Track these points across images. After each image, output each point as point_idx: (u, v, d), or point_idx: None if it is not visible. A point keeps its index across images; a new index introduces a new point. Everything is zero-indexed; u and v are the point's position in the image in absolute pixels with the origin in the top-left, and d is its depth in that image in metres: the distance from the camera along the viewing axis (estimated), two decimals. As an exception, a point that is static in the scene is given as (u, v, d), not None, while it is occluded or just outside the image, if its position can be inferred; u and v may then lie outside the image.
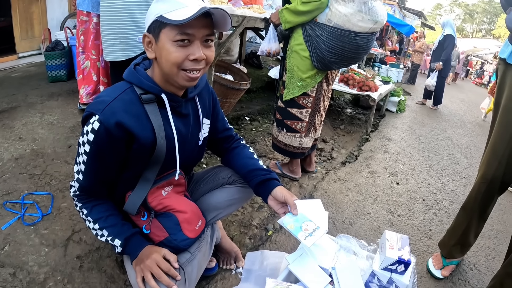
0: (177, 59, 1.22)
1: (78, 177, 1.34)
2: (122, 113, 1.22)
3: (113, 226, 1.38)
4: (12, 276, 1.70)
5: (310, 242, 1.41)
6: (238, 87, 3.73)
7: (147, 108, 1.30)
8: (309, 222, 1.47)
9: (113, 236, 1.37)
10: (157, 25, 1.22)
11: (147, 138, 1.29)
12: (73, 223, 2.09)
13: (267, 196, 1.57)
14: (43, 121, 3.17)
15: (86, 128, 1.24)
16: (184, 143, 1.47)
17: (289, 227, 1.44)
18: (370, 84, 5.33)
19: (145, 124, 1.29)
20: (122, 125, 1.22)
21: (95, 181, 1.35)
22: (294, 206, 1.50)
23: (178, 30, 1.19)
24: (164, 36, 1.21)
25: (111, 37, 2.71)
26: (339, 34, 2.42)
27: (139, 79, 1.29)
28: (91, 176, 1.33)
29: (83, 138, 1.25)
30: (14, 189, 2.30)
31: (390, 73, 11.06)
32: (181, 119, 1.44)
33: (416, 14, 21.05)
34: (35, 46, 5.80)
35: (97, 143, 1.23)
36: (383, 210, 2.94)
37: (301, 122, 2.83)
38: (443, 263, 2.28)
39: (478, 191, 2.04)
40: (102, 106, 1.21)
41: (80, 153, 1.29)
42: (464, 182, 3.92)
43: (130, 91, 1.29)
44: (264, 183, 1.59)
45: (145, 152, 1.33)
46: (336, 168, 3.68)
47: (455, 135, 6.03)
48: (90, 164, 1.29)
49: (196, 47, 1.24)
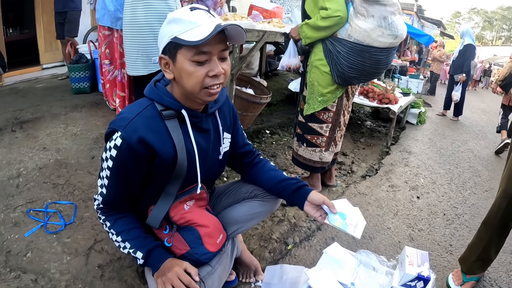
0: (199, 78, 1.24)
1: (102, 191, 1.37)
2: (144, 129, 1.25)
3: (135, 239, 1.40)
4: (34, 282, 1.74)
5: (358, 233, 1.48)
6: (259, 101, 3.75)
7: (168, 124, 1.32)
8: (349, 218, 1.53)
9: (135, 249, 1.39)
10: (172, 47, 1.24)
11: (168, 153, 1.31)
12: (95, 232, 2.12)
13: (303, 203, 1.59)
14: (67, 132, 3.22)
15: (109, 144, 1.27)
16: (205, 158, 1.49)
17: (337, 224, 1.50)
18: (390, 96, 5.29)
19: (166, 139, 1.32)
20: (144, 141, 1.24)
21: (118, 196, 1.38)
22: (333, 206, 1.54)
23: (195, 50, 1.20)
24: (181, 57, 1.23)
25: (134, 52, 2.77)
26: (359, 50, 2.43)
27: (159, 95, 1.32)
28: (114, 191, 1.35)
29: (106, 154, 1.29)
30: (38, 198, 2.35)
31: (410, 84, 10.97)
32: (201, 134, 1.45)
33: (434, 23, 20.87)
34: (58, 57, 5.94)
35: (119, 159, 1.26)
36: (403, 225, 2.91)
37: (321, 136, 2.83)
38: (464, 279, 2.24)
39: (499, 207, 2.01)
40: (125, 122, 1.24)
41: (104, 168, 1.32)
42: (485, 195, 3.85)
43: (151, 108, 1.32)
44: (298, 191, 1.61)
45: (167, 167, 1.35)
46: (356, 182, 3.66)
47: (476, 147, 5.93)
48: (113, 179, 1.32)
49: (214, 63, 1.25)
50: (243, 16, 3.58)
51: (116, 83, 3.43)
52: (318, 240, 2.50)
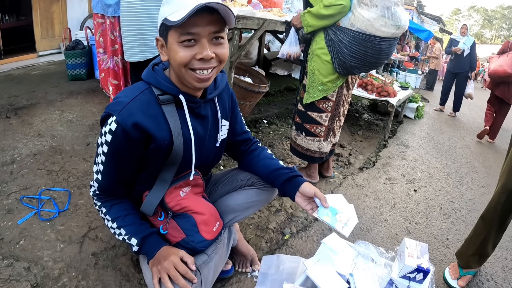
0: (182, 59, 1.20)
1: (97, 177, 1.36)
2: (139, 114, 1.22)
3: (130, 225, 1.38)
4: (27, 270, 1.72)
5: (347, 231, 1.45)
6: (257, 90, 3.72)
7: (164, 109, 1.30)
8: (341, 214, 1.49)
9: (130, 235, 1.36)
10: (164, 28, 1.22)
11: (164, 139, 1.29)
12: (89, 220, 2.10)
13: (294, 193, 1.56)
14: (62, 119, 3.20)
15: (104, 129, 1.25)
16: (202, 145, 1.46)
17: (325, 219, 1.46)
18: (389, 89, 5.28)
19: (162, 125, 1.29)
20: (139, 125, 1.22)
21: (114, 181, 1.37)
22: (324, 199, 1.50)
23: (181, 30, 1.17)
24: (170, 38, 1.21)
25: (131, 38, 2.75)
26: (362, 39, 2.41)
27: (157, 79, 1.29)
28: (110, 176, 1.34)
29: (101, 139, 1.27)
30: (32, 185, 2.32)
31: (408, 79, 10.97)
32: (199, 120, 1.43)
33: (434, 19, 20.91)
34: (55, 45, 5.90)
35: (115, 144, 1.24)
36: (401, 218, 2.90)
37: (320, 126, 2.81)
38: (460, 273, 2.24)
39: (498, 201, 2.00)
40: (120, 107, 1.22)
41: (99, 153, 1.31)
42: (482, 191, 3.85)
43: (148, 92, 1.29)
44: (290, 181, 1.58)
45: (162, 153, 1.32)
46: (354, 173, 3.65)
47: (473, 143, 5.93)
48: (109, 164, 1.31)
49: (202, 46, 1.21)
50: (243, 3, 3.54)
51: (109, 71, 3.41)
52: (315, 230, 2.49)
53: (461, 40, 7.65)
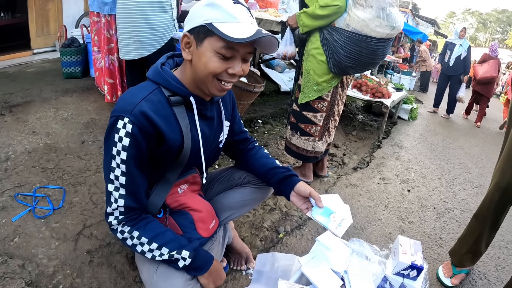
0: (216, 70, 1.19)
1: (117, 197, 1.23)
2: (153, 114, 1.19)
3: (173, 241, 1.29)
4: (21, 267, 1.71)
5: (340, 232, 1.44)
6: (252, 90, 3.72)
7: (175, 110, 1.28)
8: (335, 214, 1.49)
9: (178, 249, 1.28)
10: (203, 31, 1.17)
11: (176, 140, 1.28)
12: (84, 217, 2.10)
13: (289, 193, 1.56)
14: (57, 116, 3.19)
15: (117, 136, 1.17)
16: (207, 146, 1.47)
17: (319, 219, 1.46)
18: (383, 90, 5.30)
19: (174, 126, 1.27)
20: (154, 124, 1.19)
21: (138, 191, 1.27)
22: (319, 199, 1.50)
23: (226, 44, 1.15)
24: (208, 44, 1.17)
25: (126, 37, 2.78)
26: (357, 39, 2.41)
27: (166, 80, 1.26)
28: (133, 186, 1.25)
29: (116, 148, 1.18)
30: (26, 182, 2.32)
31: (403, 80, 11.00)
32: (206, 121, 1.42)
33: (429, 22, 21.00)
34: (50, 42, 5.88)
35: (135, 146, 1.19)
36: (394, 217, 2.92)
37: (315, 126, 2.82)
38: (453, 272, 2.26)
39: (491, 200, 2.02)
40: (130, 107, 1.17)
41: (113, 167, 1.21)
42: (475, 191, 3.88)
43: (158, 92, 1.26)
44: (286, 180, 1.58)
45: (172, 154, 1.31)
46: (348, 173, 3.66)
47: (467, 144, 5.98)
48: (130, 172, 1.22)
49: (237, 62, 1.22)
50: (243, 4, 3.54)
51: (103, 70, 3.40)
52: (309, 229, 2.50)
53: (458, 42, 7.74)
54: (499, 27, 59.27)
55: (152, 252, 1.27)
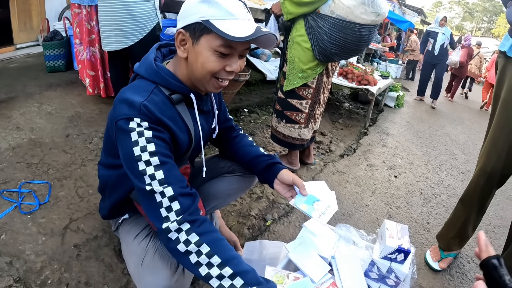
0: (214, 68, 1.18)
1: (164, 189, 1.12)
2: (161, 116, 1.16)
3: (251, 272, 1.12)
4: (9, 265, 1.69)
5: (324, 220, 1.43)
6: (237, 78, 3.69)
7: (178, 109, 1.26)
8: (319, 202, 1.49)
9: (258, 286, 1.10)
10: (200, 28, 1.14)
11: (185, 139, 1.28)
12: (70, 211, 2.08)
13: (273, 181, 1.56)
14: (41, 111, 3.15)
15: (135, 133, 1.12)
16: (205, 138, 1.47)
17: (302, 208, 1.45)
18: (369, 78, 5.32)
19: (181, 126, 1.27)
20: (166, 125, 1.18)
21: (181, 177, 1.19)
22: (303, 187, 1.49)
23: (224, 42, 1.13)
24: (205, 42, 1.15)
25: (107, 27, 2.76)
26: (341, 26, 2.41)
27: (165, 79, 1.23)
28: (174, 173, 1.16)
29: (139, 146, 1.12)
30: (12, 178, 2.28)
31: (389, 68, 11.05)
32: (204, 115, 1.42)
33: (415, 11, 21.01)
34: (33, 37, 5.78)
35: (158, 136, 1.15)
36: (381, 203, 2.94)
37: (300, 113, 2.82)
38: (441, 256, 2.29)
39: (477, 184, 2.04)
40: (136, 108, 1.13)
41: (144, 167, 1.12)
42: (461, 177, 3.92)
43: (158, 92, 1.22)
44: (269, 168, 1.58)
45: (180, 152, 1.31)
46: (335, 160, 3.68)
47: (453, 131, 6.04)
48: (165, 161, 1.15)
49: (234, 59, 1.20)
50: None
51: (85, 62, 3.37)
52: (297, 216, 2.51)
53: (440, 31, 7.77)
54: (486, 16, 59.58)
55: (221, 280, 1.08)
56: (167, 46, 1.39)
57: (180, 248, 1.09)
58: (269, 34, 1.16)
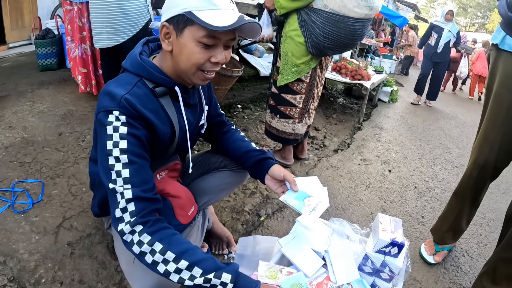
0: (200, 60, 1.17)
1: (124, 189, 1.11)
2: (141, 108, 1.16)
3: (208, 260, 1.12)
4: (3, 264, 1.69)
5: (315, 217, 1.42)
6: (230, 74, 3.70)
7: (162, 101, 1.26)
8: (311, 198, 1.48)
9: (217, 271, 1.09)
10: (183, 20, 1.13)
11: (166, 132, 1.27)
12: (63, 210, 2.08)
13: (264, 176, 1.55)
14: (33, 110, 3.14)
15: (111, 128, 1.12)
16: (192, 133, 1.45)
17: (292, 204, 1.45)
18: (363, 73, 5.32)
19: (164, 118, 1.26)
20: (145, 118, 1.17)
21: (147, 179, 1.17)
22: (294, 183, 1.49)
23: (207, 33, 1.12)
24: (189, 34, 1.14)
25: (99, 24, 2.75)
26: (335, 20, 2.41)
27: (149, 72, 1.22)
28: (140, 176, 1.15)
29: (112, 141, 1.12)
30: (4, 177, 2.28)
31: (383, 64, 11.06)
32: (190, 109, 1.41)
33: (409, 6, 20.97)
34: (25, 36, 5.75)
35: (133, 134, 1.14)
36: (376, 197, 2.95)
37: (294, 108, 2.82)
38: (436, 249, 2.29)
39: (470, 176, 2.04)
40: (116, 101, 1.13)
41: (113, 163, 1.12)
42: (456, 171, 3.94)
43: (142, 85, 1.22)
44: (260, 163, 1.57)
45: (162, 146, 1.30)
46: (329, 155, 3.68)
47: (447, 125, 6.05)
48: (133, 160, 1.13)
49: (219, 50, 1.19)
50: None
51: (77, 60, 3.35)
52: (290, 211, 2.51)
53: (446, 27, 7.02)
54: (479, 12, 59.50)
55: (179, 273, 1.08)
56: (155, 41, 1.38)
57: (135, 250, 1.10)
58: (252, 23, 1.15)
